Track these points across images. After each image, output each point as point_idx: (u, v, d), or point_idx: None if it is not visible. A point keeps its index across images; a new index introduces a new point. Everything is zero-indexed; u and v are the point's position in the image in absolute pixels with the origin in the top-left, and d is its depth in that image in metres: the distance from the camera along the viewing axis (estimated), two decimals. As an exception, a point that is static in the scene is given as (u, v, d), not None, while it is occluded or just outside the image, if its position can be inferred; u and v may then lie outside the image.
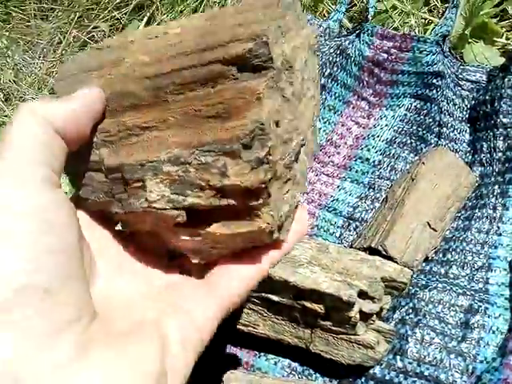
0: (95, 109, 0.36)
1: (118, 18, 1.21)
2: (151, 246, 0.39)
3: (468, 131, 0.86)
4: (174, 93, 0.36)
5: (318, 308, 0.59)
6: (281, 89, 0.36)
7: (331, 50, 0.93)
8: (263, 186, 0.34)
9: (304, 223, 0.41)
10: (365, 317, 0.60)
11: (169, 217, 0.36)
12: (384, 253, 0.69)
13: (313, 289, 0.58)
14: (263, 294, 0.62)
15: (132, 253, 0.39)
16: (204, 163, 0.34)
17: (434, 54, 0.86)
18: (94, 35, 1.21)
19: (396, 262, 0.68)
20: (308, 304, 0.59)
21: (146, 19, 1.17)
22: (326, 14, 1.05)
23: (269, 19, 0.35)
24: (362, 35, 0.90)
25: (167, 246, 0.39)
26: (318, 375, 0.66)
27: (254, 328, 0.64)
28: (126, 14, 1.20)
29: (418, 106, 0.88)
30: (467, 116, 0.87)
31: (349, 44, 0.92)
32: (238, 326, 0.65)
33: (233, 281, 0.37)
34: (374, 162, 0.85)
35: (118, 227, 0.39)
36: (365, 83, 0.91)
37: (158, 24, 1.14)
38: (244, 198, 0.34)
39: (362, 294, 0.58)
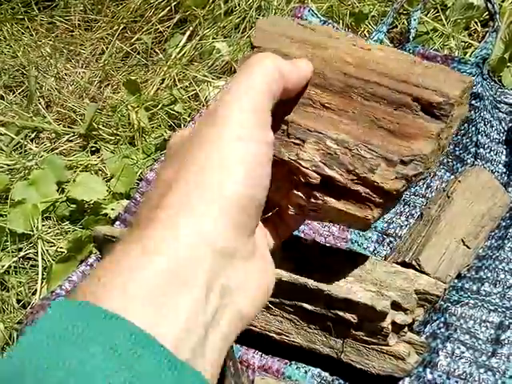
0: (305, 79, 0.48)
1: (160, 31, 1.28)
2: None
3: (504, 153, 0.89)
4: (361, 95, 0.48)
5: (351, 317, 0.63)
6: (439, 138, 0.48)
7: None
8: (395, 192, 0.47)
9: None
10: (397, 328, 0.63)
11: (306, 175, 0.48)
12: (417, 267, 0.72)
13: (346, 298, 0.61)
14: (296, 303, 0.66)
15: None
16: (362, 156, 0.47)
17: (473, 76, 0.90)
18: (136, 47, 1.28)
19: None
20: (341, 313, 0.63)
21: (188, 33, 1.23)
22: (367, 34, 1.09)
23: (460, 89, 0.48)
24: (404, 56, 0.94)
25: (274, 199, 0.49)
26: (347, 385, 0.69)
27: (287, 336, 0.68)
28: (168, 27, 1.26)
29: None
30: (504, 138, 0.90)
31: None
32: (270, 334, 0.69)
33: None
34: (409, 179, 0.88)
35: None
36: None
37: (200, 38, 1.20)
38: (373, 192, 0.48)
39: (395, 306, 0.62)
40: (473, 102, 0.90)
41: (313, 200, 0.49)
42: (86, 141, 1.12)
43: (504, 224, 0.80)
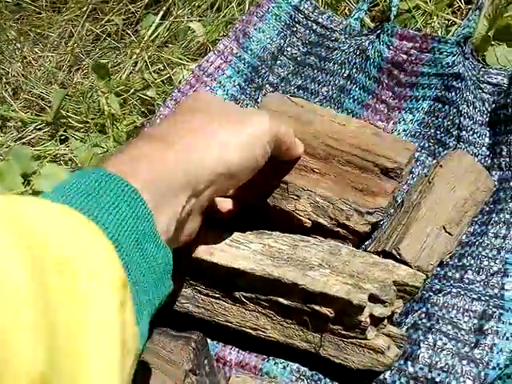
0: (296, 153, 0.70)
1: (132, 12, 1.24)
2: None
3: (488, 135, 0.87)
4: (339, 162, 0.69)
5: (328, 312, 0.61)
6: (394, 194, 0.72)
7: (351, 49, 0.95)
8: (363, 234, 0.70)
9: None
10: (375, 321, 0.61)
11: (301, 221, 0.69)
12: (398, 256, 0.70)
13: (322, 292, 0.60)
14: (272, 297, 0.64)
15: None
16: (340, 208, 0.68)
17: (454, 56, 0.88)
18: (107, 29, 1.24)
19: (410, 266, 0.70)
20: (318, 308, 0.61)
21: (161, 13, 1.19)
22: (348, 12, 1.06)
23: (407, 157, 0.71)
24: (381, 35, 0.92)
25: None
26: (327, 380, 0.67)
27: (263, 332, 0.66)
28: (141, 7, 1.22)
29: (437, 108, 0.89)
30: (487, 119, 0.88)
31: (369, 44, 0.94)
32: (246, 330, 0.67)
33: None
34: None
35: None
36: (384, 85, 0.92)
37: (174, 18, 1.17)
38: (349, 233, 0.69)
39: (373, 298, 0.60)
40: (454, 82, 0.87)
41: None
42: (55, 129, 1.08)
43: (487, 209, 0.78)
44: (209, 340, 0.73)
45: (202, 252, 0.66)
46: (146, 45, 1.15)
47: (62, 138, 1.08)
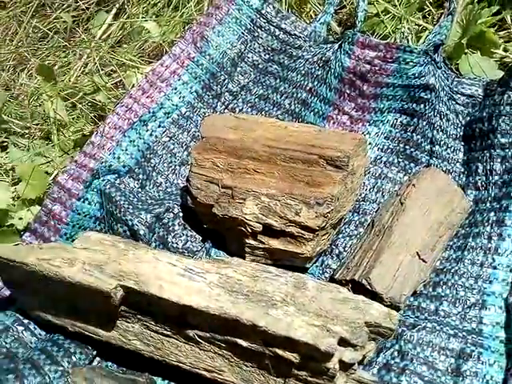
0: None
1: (83, 9, 1.15)
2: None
3: (462, 150, 0.82)
4: (282, 160, 0.69)
5: (292, 357, 0.54)
6: (345, 183, 0.69)
7: (314, 59, 0.88)
8: (317, 228, 0.66)
9: None
10: (345, 366, 0.55)
11: (251, 225, 0.67)
12: (368, 287, 0.64)
13: (286, 336, 0.53)
14: (230, 338, 0.57)
15: None
16: (288, 204, 0.66)
17: (421, 66, 0.82)
18: (55, 26, 1.14)
19: (381, 298, 0.64)
20: (280, 352, 0.54)
21: (114, 11, 1.10)
22: (313, 15, 1.00)
23: (352, 145, 0.69)
24: (343, 44, 0.85)
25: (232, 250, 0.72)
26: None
27: (219, 374, 0.59)
28: (92, 4, 1.13)
29: (405, 121, 0.84)
30: (461, 133, 0.83)
31: (332, 54, 0.87)
32: (200, 372, 0.60)
33: None
34: (358, 182, 0.81)
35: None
36: (346, 96, 0.86)
37: (128, 17, 1.08)
38: (303, 230, 0.66)
39: (343, 342, 0.53)
40: (423, 94, 0.82)
41: (260, 245, 0.68)
42: (-5, 135, 0.99)
43: (463, 232, 0.73)
44: (159, 380, 0.66)
45: (150, 285, 0.58)
46: (97, 45, 1.06)
47: (4, 144, 0.98)
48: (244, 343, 0.56)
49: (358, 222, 0.76)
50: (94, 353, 0.68)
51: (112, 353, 0.68)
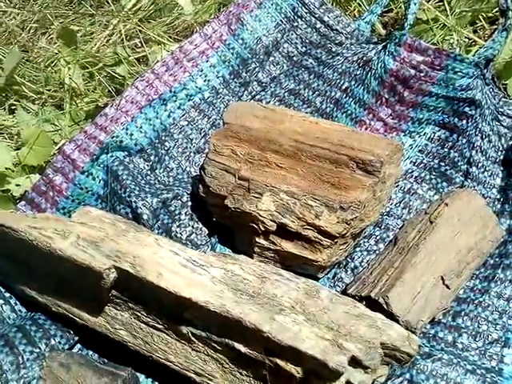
0: None
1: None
2: None
3: (500, 175, 0.78)
4: (308, 157, 0.65)
5: (295, 371, 0.50)
6: (374, 190, 0.65)
7: (354, 58, 0.85)
8: (337, 235, 0.62)
9: None
10: (352, 388, 0.50)
11: (264, 223, 0.63)
12: (384, 306, 0.60)
13: (291, 346, 0.49)
14: (228, 341, 0.53)
15: None
16: (309, 204, 0.62)
17: (470, 78, 0.78)
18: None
19: (396, 321, 0.59)
20: (282, 363, 0.51)
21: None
22: (357, 14, 0.96)
23: (388, 150, 0.65)
24: (388, 44, 0.81)
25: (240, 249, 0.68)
26: None
27: (209, 380, 0.55)
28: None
29: (443, 136, 0.80)
30: (501, 157, 0.79)
31: (374, 55, 0.83)
32: (188, 374, 0.56)
33: None
34: (384, 195, 0.77)
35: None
36: (383, 101, 0.82)
37: None
38: (321, 235, 0.62)
39: (354, 361, 0.49)
40: (467, 109, 0.78)
41: (271, 246, 0.64)
42: (5, 96, 0.96)
43: (492, 262, 0.69)
44: (142, 377, 0.62)
45: (148, 271, 0.55)
46: (125, 16, 1.03)
47: (13, 107, 0.95)
48: (243, 348, 0.52)
49: (378, 237, 0.72)
50: (76, 338, 0.65)
51: (95, 342, 0.65)
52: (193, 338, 0.55)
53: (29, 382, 0.59)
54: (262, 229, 0.64)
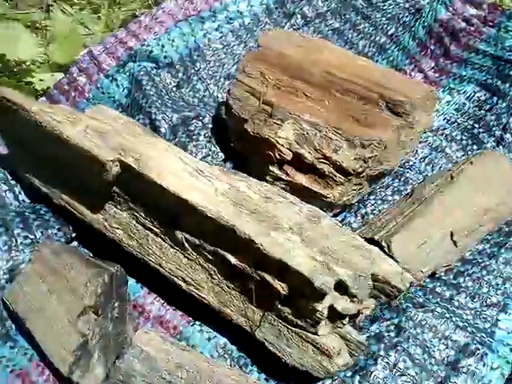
0: None
1: None
2: None
3: (535, 147, 0.76)
4: (338, 91, 0.65)
5: (280, 287, 0.51)
6: (399, 134, 0.64)
7: (406, 5, 0.84)
8: (352, 172, 0.61)
9: None
10: (334, 316, 0.51)
11: (280, 151, 0.63)
12: (386, 250, 0.61)
13: (280, 260, 0.50)
14: (219, 250, 0.55)
15: None
16: (329, 137, 0.61)
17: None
18: None
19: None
20: (269, 278, 0.52)
21: None
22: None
23: (421, 94, 0.66)
24: (442, -8, 0.80)
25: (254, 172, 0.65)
26: (254, 368, 0.58)
27: (197, 289, 0.57)
28: None
29: (483, 97, 0.78)
30: (541, 129, 0.77)
31: (427, 3, 0.82)
32: (177, 280, 0.57)
33: None
34: (409, 148, 0.77)
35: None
36: (428, 52, 0.81)
37: None
38: (336, 171, 0.62)
39: (341, 288, 0.50)
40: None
41: (284, 177, 0.64)
42: (44, -5, 0.97)
43: (507, 230, 0.68)
44: (132, 280, 0.64)
45: (152, 168, 0.56)
46: None
47: (50, 9, 0.97)
48: (233, 259, 0.54)
49: (396, 189, 0.72)
50: (73, 235, 0.67)
51: (91, 241, 0.67)
52: (186, 245, 0.57)
53: (18, 264, 0.61)
54: (278, 157, 0.64)
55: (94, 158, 0.57)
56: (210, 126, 0.76)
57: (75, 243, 0.68)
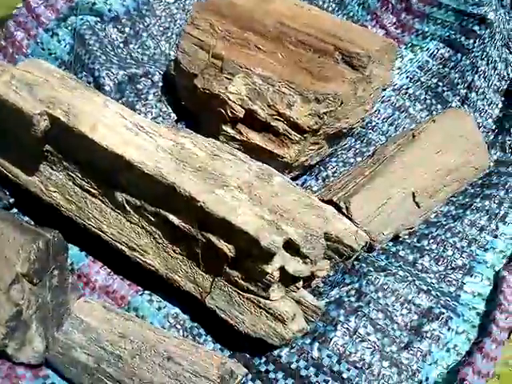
0: None
1: None
2: None
3: (500, 106, 0.75)
4: (291, 42, 0.62)
5: (227, 249, 0.48)
6: (356, 88, 0.62)
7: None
8: (308, 129, 0.59)
9: None
10: (287, 279, 0.49)
11: (232, 108, 0.60)
12: (345, 211, 0.58)
13: (224, 218, 0.46)
14: (161, 211, 0.51)
15: None
16: (282, 92, 0.59)
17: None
18: None
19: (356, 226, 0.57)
20: (214, 239, 0.48)
21: None
22: None
23: (379, 46, 0.63)
24: None
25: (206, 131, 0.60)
26: (208, 338, 0.55)
27: (141, 255, 0.54)
28: None
29: (447, 54, 0.76)
30: (505, 87, 0.76)
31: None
32: (120, 246, 0.54)
33: None
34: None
35: None
36: (390, 7, 0.79)
37: None
38: (290, 129, 0.59)
39: (292, 248, 0.47)
40: (476, 27, 0.74)
41: (238, 136, 0.61)
42: None
43: (472, 191, 0.67)
44: (75, 249, 0.60)
45: (82, 122, 0.51)
46: None
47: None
48: (176, 220, 0.50)
49: (358, 151, 0.70)
50: (11, 201, 0.63)
51: (30, 208, 0.63)
52: (127, 207, 0.53)
53: None
54: (230, 115, 0.61)
55: (20, 112, 0.52)
56: (161, 84, 0.72)
57: (15, 210, 0.64)
